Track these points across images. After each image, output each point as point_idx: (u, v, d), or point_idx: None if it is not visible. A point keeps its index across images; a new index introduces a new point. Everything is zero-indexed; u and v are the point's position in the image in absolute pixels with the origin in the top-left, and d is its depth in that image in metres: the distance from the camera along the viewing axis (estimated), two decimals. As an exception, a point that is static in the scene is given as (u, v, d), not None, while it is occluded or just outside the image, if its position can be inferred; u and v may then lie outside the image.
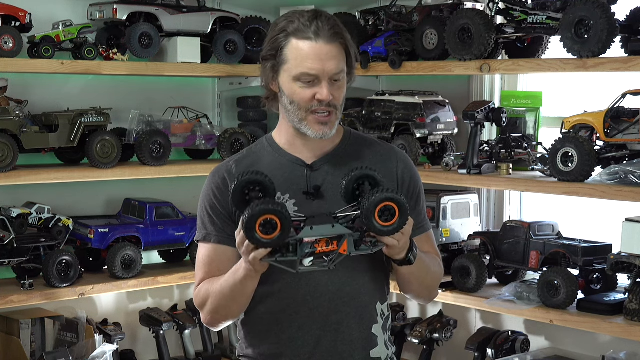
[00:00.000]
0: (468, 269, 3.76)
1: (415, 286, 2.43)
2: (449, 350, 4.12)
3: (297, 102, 2.32)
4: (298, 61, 2.28)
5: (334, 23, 2.31)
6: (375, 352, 2.42)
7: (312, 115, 2.32)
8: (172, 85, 4.49)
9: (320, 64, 2.27)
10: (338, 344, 2.37)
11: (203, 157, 4.41)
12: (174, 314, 4.25)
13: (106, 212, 4.30)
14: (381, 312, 2.45)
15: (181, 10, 4.14)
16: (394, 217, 2.11)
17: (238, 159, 2.46)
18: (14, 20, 3.70)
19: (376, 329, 2.42)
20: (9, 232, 3.65)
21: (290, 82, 2.31)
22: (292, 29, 2.29)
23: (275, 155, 2.43)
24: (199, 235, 2.44)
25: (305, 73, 2.28)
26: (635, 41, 3.27)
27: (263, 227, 2.07)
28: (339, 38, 2.30)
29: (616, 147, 3.33)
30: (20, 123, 3.67)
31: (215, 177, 2.43)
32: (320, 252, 2.12)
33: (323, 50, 2.27)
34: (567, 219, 3.83)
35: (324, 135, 2.34)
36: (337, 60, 2.29)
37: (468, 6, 3.78)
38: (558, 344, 3.82)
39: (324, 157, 2.41)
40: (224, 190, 2.38)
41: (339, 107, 2.35)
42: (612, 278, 3.51)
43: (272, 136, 2.47)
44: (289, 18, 2.32)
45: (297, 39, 2.29)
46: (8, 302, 3.67)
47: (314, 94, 2.29)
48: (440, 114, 3.98)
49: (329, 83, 2.29)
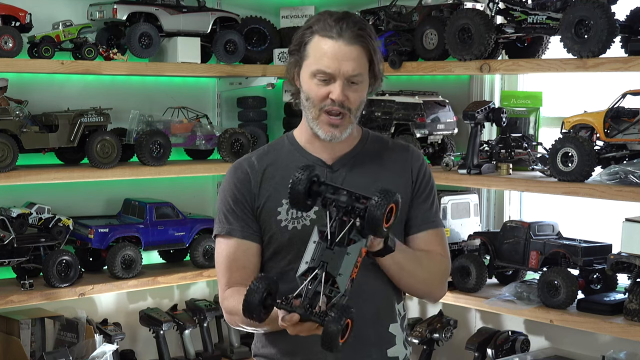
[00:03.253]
0: (468, 269, 3.76)
1: (410, 280, 2.40)
2: (449, 350, 4.12)
3: (312, 99, 2.33)
4: (317, 58, 2.30)
5: (360, 27, 2.32)
6: (393, 351, 2.43)
7: (324, 115, 2.33)
8: (172, 85, 4.49)
9: (336, 63, 2.28)
10: (355, 342, 2.35)
11: (203, 157, 4.41)
12: (174, 314, 4.25)
13: (106, 212, 4.30)
14: (398, 312, 2.46)
15: (181, 10, 4.14)
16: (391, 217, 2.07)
17: (259, 154, 2.47)
18: (14, 20, 3.70)
19: (394, 328, 2.43)
20: (9, 232, 3.65)
21: (308, 78, 2.33)
22: (317, 26, 2.32)
23: (296, 154, 2.43)
24: (221, 230, 2.41)
25: (321, 70, 2.29)
26: (635, 41, 3.27)
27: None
28: (361, 41, 2.30)
29: (616, 147, 3.33)
30: (20, 123, 3.67)
31: (237, 172, 2.43)
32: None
33: (342, 50, 2.28)
34: (567, 219, 3.83)
35: (332, 137, 2.34)
36: (355, 62, 2.30)
37: (468, 6, 3.78)
38: (558, 344, 3.82)
39: (342, 158, 2.42)
40: (247, 184, 2.40)
41: (354, 111, 2.34)
42: (612, 278, 3.51)
43: (294, 134, 2.48)
44: (319, 16, 2.35)
45: (320, 36, 2.31)
46: (8, 302, 3.67)
47: (328, 93, 2.30)
48: (440, 114, 3.98)
49: (344, 84, 2.29)
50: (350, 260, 2.03)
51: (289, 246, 2.38)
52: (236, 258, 2.39)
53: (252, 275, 2.38)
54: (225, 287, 2.41)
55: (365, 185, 2.27)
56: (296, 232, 2.37)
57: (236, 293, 2.33)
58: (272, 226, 2.39)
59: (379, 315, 2.40)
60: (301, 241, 2.33)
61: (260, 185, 2.41)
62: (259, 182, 2.41)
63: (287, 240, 2.38)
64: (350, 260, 2.03)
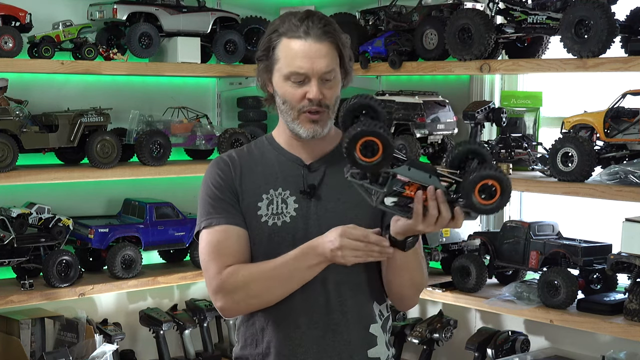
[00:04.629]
0: (468, 269, 3.76)
1: (406, 279, 2.36)
2: (449, 350, 4.12)
3: (289, 102, 2.32)
4: (288, 60, 2.29)
5: (325, 22, 2.32)
6: (374, 352, 2.41)
7: (304, 114, 2.32)
8: (172, 85, 4.49)
9: (309, 63, 2.27)
10: (336, 343, 2.36)
11: (203, 157, 4.41)
12: (174, 314, 4.25)
13: (106, 212, 4.30)
14: (379, 313, 2.44)
15: (181, 10, 4.15)
16: (494, 197, 2.02)
17: (239, 150, 2.47)
18: (14, 20, 3.70)
19: (375, 328, 2.42)
20: (9, 232, 3.65)
21: (282, 82, 2.32)
22: (283, 28, 2.31)
23: (275, 153, 2.43)
24: (204, 223, 2.38)
25: (294, 72, 2.29)
26: (635, 41, 3.26)
27: (364, 149, 2.03)
28: (329, 37, 2.30)
29: (616, 147, 3.33)
30: (20, 123, 3.67)
31: (220, 164, 2.43)
32: (406, 196, 2.06)
33: (312, 48, 2.28)
34: (567, 219, 3.83)
35: (315, 133, 2.33)
36: (327, 59, 2.29)
37: (468, 6, 3.78)
38: (558, 344, 3.82)
39: (322, 159, 2.42)
40: (229, 173, 2.39)
41: (331, 107, 2.34)
42: (612, 278, 3.51)
43: (272, 135, 2.48)
44: (282, 18, 2.34)
45: (287, 38, 2.30)
46: (8, 302, 3.67)
47: (305, 93, 2.30)
48: (440, 114, 3.97)
49: (319, 82, 2.29)
50: (422, 176, 2.07)
51: (268, 242, 2.36)
52: (228, 244, 2.34)
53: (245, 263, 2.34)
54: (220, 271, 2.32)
55: (344, 185, 2.25)
56: (275, 229, 2.35)
57: (241, 267, 2.30)
58: (252, 221, 2.37)
59: (359, 315, 2.39)
60: (280, 238, 2.35)
61: (241, 180, 2.40)
62: (239, 176, 2.40)
63: (266, 236, 2.36)
64: (422, 176, 2.07)
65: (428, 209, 2.07)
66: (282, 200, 2.37)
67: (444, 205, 2.07)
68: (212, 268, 2.34)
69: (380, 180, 2.08)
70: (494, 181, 2.02)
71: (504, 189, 2.02)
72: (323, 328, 2.36)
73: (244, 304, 2.35)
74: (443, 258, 3.96)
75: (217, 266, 2.33)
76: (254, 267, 2.33)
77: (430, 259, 3.93)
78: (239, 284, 2.31)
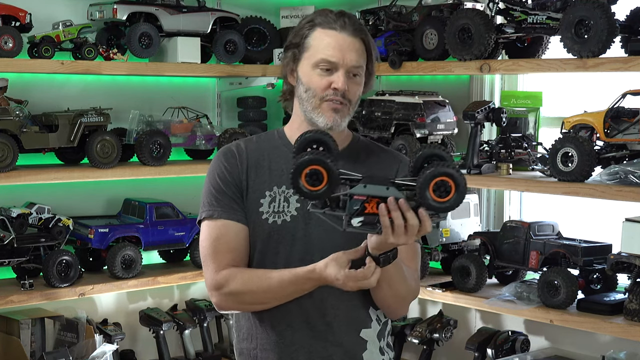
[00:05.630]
0: (468, 269, 3.76)
1: (388, 292, 2.32)
2: (449, 350, 4.12)
3: (312, 89, 2.34)
4: (320, 48, 2.33)
5: (360, 23, 2.40)
6: (365, 356, 2.41)
7: (326, 102, 2.33)
8: (172, 85, 4.49)
9: (340, 53, 2.31)
10: (327, 344, 2.37)
11: (203, 157, 4.41)
12: (174, 314, 4.25)
13: (106, 212, 4.30)
14: (376, 318, 2.43)
15: (181, 10, 4.15)
16: (450, 193, 2.02)
17: (247, 141, 2.47)
18: (14, 20, 3.70)
19: (366, 333, 2.41)
20: (9, 232, 3.65)
21: (310, 69, 2.34)
22: (318, 20, 2.36)
23: (284, 149, 2.42)
24: (205, 213, 2.39)
25: (325, 59, 2.32)
26: (635, 41, 3.27)
27: (309, 177, 2.04)
28: (362, 34, 2.36)
29: (616, 147, 3.33)
30: (20, 123, 3.67)
31: (227, 155, 2.43)
32: (369, 213, 2.06)
33: (346, 41, 2.33)
34: (567, 219, 3.83)
35: (334, 123, 2.33)
36: (357, 54, 2.34)
37: (468, 6, 3.78)
38: (558, 344, 3.82)
39: None
40: (235, 165, 2.39)
41: (353, 103, 2.37)
42: (612, 278, 3.51)
43: (284, 130, 2.48)
44: (318, 12, 2.40)
45: (322, 28, 2.35)
46: (8, 302, 3.67)
47: (330, 83, 2.32)
48: (440, 114, 3.98)
49: (346, 75, 2.32)
50: (379, 190, 2.07)
51: (267, 240, 2.36)
52: (228, 240, 2.36)
53: (243, 260, 2.36)
54: (218, 270, 2.34)
55: None
56: (275, 227, 2.36)
57: (239, 273, 2.32)
58: (253, 217, 2.37)
59: (351, 319, 2.39)
60: (279, 236, 2.35)
61: (247, 174, 2.40)
62: (246, 170, 2.40)
63: (266, 233, 2.36)
64: (379, 190, 2.07)
65: (394, 220, 2.07)
66: (284, 198, 2.37)
67: (409, 213, 2.07)
68: (210, 264, 2.37)
69: (340, 204, 2.09)
70: (447, 178, 2.02)
71: (458, 184, 2.02)
72: (315, 329, 2.36)
73: (238, 307, 2.40)
74: (443, 258, 3.96)
75: (215, 264, 2.36)
76: (250, 277, 2.32)
77: (430, 259, 3.93)
78: (234, 291, 2.33)
